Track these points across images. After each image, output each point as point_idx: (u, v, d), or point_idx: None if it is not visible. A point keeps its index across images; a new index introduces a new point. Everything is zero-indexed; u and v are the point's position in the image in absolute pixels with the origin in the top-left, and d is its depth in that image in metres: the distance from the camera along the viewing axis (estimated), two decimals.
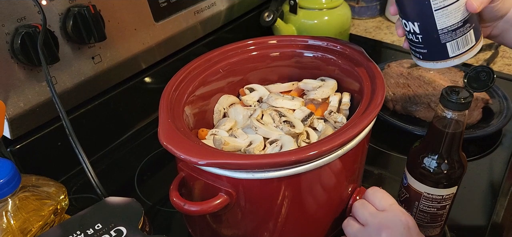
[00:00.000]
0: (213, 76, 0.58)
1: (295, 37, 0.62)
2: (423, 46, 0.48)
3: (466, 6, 0.45)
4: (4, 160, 0.41)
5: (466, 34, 0.47)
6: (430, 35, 0.47)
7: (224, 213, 0.47)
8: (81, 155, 0.46)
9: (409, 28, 0.48)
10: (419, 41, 0.48)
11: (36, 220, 0.43)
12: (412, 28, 0.48)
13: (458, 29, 0.46)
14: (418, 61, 0.51)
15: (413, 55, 0.51)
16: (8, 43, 0.52)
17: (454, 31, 0.46)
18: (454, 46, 0.47)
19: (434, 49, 0.48)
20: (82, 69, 0.61)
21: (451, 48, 0.47)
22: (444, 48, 0.47)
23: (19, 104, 0.55)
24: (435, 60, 0.49)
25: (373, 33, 1.03)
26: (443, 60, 0.48)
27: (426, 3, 0.45)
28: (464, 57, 0.48)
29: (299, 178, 0.44)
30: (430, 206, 0.49)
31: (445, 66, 0.49)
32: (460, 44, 0.47)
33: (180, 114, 0.49)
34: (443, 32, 0.46)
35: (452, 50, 0.47)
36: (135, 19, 0.66)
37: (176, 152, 0.42)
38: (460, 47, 0.47)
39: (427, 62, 0.50)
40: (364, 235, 0.46)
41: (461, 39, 0.47)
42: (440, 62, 0.49)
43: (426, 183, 0.48)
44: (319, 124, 0.53)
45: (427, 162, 0.47)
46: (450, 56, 0.48)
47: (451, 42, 0.47)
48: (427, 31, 0.47)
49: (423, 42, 0.48)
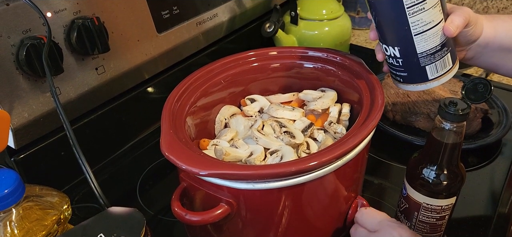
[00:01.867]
0: (215, 87, 0.59)
1: (295, 48, 0.63)
2: (404, 70, 0.51)
3: (444, 30, 0.48)
4: (8, 171, 0.41)
5: (444, 57, 0.50)
6: (410, 59, 0.49)
7: (225, 223, 0.47)
8: (84, 165, 0.47)
9: (390, 53, 0.51)
10: (400, 65, 0.51)
11: (39, 229, 0.44)
12: (393, 52, 0.50)
13: (437, 53, 0.49)
14: (399, 84, 0.53)
15: (393, 79, 0.54)
16: (13, 54, 0.53)
17: (433, 54, 0.49)
18: (433, 69, 0.50)
19: (414, 72, 0.50)
20: (85, 80, 0.61)
21: (430, 71, 0.50)
22: (424, 71, 0.50)
23: (24, 115, 0.56)
24: (415, 83, 0.51)
25: (373, 43, 1.04)
26: (422, 83, 0.51)
27: (406, 29, 0.47)
28: (443, 80, 0.51)
29: (299, 189, 0.45)
30: (429, 216, 0.49)
31: (424, 89, 0.52)
32: (438, 67, 0.50)
33: (182, 124, 0.50)
34: (422, 56, 0.49)
35: (431, 72, 0.50)
36: (138, 31, 0.67)
37: (177, 162, 0.43)
38: (438, 69, 0.50)
39: (407, 85, 0.52)
40: None
41: (440, 62, 0.50)
42: (420, 85, 0.51)
43: (425, 193, 0.48)
44: (319, 134, 0.54)
45: (426, 173, 0.48)
46: (429, 78, 0.50)
47: (430, 65, 0.50)
48: (407, 55, 0.49)
49: (403, 65, 0.51)
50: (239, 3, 0.85)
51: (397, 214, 0.53)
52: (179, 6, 0.73)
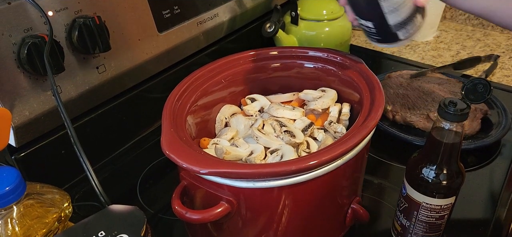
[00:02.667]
0: (215, 86, 0.59)
1: (296, 48, 0.63)
2: (377, 34, 0.55)
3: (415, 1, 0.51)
4: (9, 168, 0.41)
5: (414, 20, 0.53)
6: (383, 29, 0.53)
7: (225, 221, 0.47)
8: (85, 163, 0.47)
9: (362, 22, 0.54)
10: (374, 32, 0.54)
11: (39, 227, 0.44)
12: (366, 23, 0.54)
13: (408, 20, 0.52)
14: (374, 43, 0.57)
15: (367, 37, 0.57)
16: (14, 53, 0.53)
17: (404, 22, 0.52)
18: (405, 32, 0.53)
19: (387, 37, 0.54)
20: (86, 79, 0.62)
21: (402, 33, 0.53)
22: (396, 35, 0.54)
23: (24, 113, 0.56)
24: (388, 43, 0.55)
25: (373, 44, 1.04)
26: (395, 42, 0.55)
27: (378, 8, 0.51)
28: (413, 37, 0.55)
29: (299, 188, 0.45)
30: (429, 216, 0.49)
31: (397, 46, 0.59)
32: (409, 29, 0.53)
33: (182, 123, 0.50)
34: (395, 25, 0.52)
35: (403, 34, 0.53)
36: (139, 30, 0.67)
37: (178, 161, 0.43)
38: (409, 30, 0.53)
39: (382, 44, 0.56)
40: None
41: (410, 26, 0.53)
42: (393, 44, 0.55)
43: (425, 193, 0.48)
44: (319, 134, 0.54)
45: (426, 173, 0.48)
46: (401, 38, 0.54)
47: (402, 30, 0.53)
48: (380, 27, 0.53)
49: (377, 33, 0.54)
50: (240, 3, 0.85)
51: (397, 214, 0.53)
52: (180, 6, 0.73)
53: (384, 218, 0.59)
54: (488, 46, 1.00)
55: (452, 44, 1.02)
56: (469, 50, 0.99)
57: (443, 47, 1.01)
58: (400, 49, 1.01)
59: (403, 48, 1.02)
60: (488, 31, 1.07)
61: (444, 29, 1.09)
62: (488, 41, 1.02)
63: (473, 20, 1.10)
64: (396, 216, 0.53)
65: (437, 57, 0.97)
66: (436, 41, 1.04)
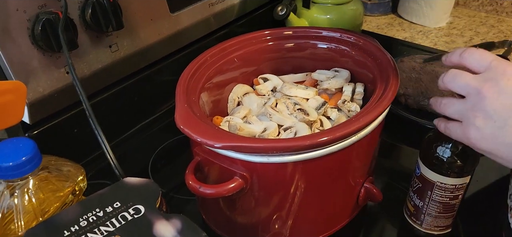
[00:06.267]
0: (228, 65, 0.58)
1: (310, 28, 0.63)
2: None
3: None
4: (26, 139, 0.42)
5: None
6: None
7: (238, 198, 0.47)
8: (100, 136, 0.47)
9: None
10: None
11: (54, 200, 0.44)
12: None
13: None
14: None
15: None
16: (29, 29, 0.53)
17: None
18: None
19: None
20: (99, 57, 0.62)
21: None
22: None
23: (38, 89, 0.56)
24: None
25: (385, 30, 1.03)
26: None
27: None
28: None
29: (313, 164, 0.44)
30: (443, 195, 0.49)
31: None
32: None
33: (196, 100, 0.50)
34: None
35: None
36: (152, 9, 0.67)
37: (192, 135, 0.43)
38: None
39: None
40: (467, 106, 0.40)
41: None
42: None
43: (439, 172, 0.48)
44: (333, 113, 0.54)
45: (441, 151, 0.47)
46: None
47: None
48: None
49: None
50: None
51: (410, 195, 0.53)
52: None
53: (396, 200, 0.59)
54: (502, 32, 0.99)
55: (465, 30, 1.01)
56: (483, 36, 0.98)
57: (456, 33, 1.00)
58: (413, 35, 1.00)
59: (416, 34, 1.01)
60: (502, 17, 1.06)
61: (457, 15, 1.08)
62: (502, 27, 1.01)
63: (487, 6, 1.08)
64: (409, 197, 0.53)
65: (450, 43, 0.96)
66: (449, 27, 1.03)
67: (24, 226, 0.41)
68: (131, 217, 0.38)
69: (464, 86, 0.40)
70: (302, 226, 0.50)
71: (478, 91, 0.39)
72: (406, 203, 0.54)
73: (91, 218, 0.38)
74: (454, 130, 0.43)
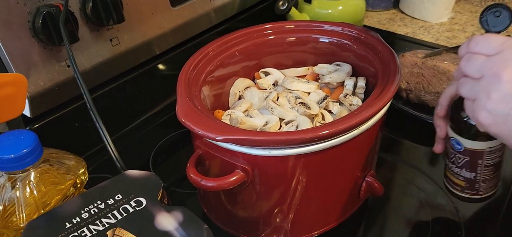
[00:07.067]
0: (230, 59, 0.58)
1: (311, 22, 0.63)
2: None
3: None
4: (27, 131, 0.42)
5: None
6: None
7: (239, 191, 0.47)
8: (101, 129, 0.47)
9: None
10: None
11: (55, 193, 0.44)
12: None
13: None
14: None
15: None
16: (29, 22, 0.53)
17: None
18: None
19: None
20: (100, 51, 0.62)
21: None
22: None
23: (39, 83, 0.56)
24: None
25: (387, 25, 1.03)
26: None
27: None
28: None
29: (315, 157, 0.44)
30: (494, 157, 0.48)
31: None
32: None
33: (197, 93, 0.50)
34: None
35: None
36: (153, 3, 0.67)
37: (193, 128, 0.43)
38: None
39: None
40: (481, 87, 0.39)
41: None
42: None
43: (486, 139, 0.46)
44: (334, 107, 0.53)
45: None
46: None
47: None
48: None
49: None
50: None
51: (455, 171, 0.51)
52: None
53: (398, 194, 0.59)
54: None
55: (467, 26, 1.00)
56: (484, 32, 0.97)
57: (457, 29, 1.00)
58: (415, 30, 1.00)
59: (417, 29, 1.00)
60: None
61: (459, 10, 1.08)
62: None
63: (489, 1, 1.08)
64: (455, 174, 0.51)
65: (452, 38, 0.96)
66: (450, 22, 1.03)
67: (26, 218, 0.41)
68: (133, 209, 0.38)
69: (478, 67, 0.40)
70: (303, 220, 0.50)
71: (493, 73, 0.38)
72: (451, 180, 0.52)
73: (93, 210, 0.38)
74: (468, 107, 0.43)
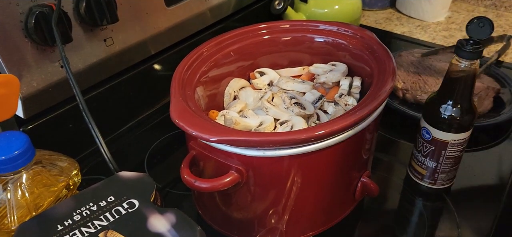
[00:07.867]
0: (224, 59, 0.58)
1: (307, 21, 0.62)
2: None
3: None
4: (19, 133, 0.41)
5: None
6: None
7: (234, 192, 0.47)
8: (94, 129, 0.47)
9: None
10: None
11: (47, 195, 0.44)
12: None
13: None
14: None
15: None
16: (22, 22, 0.53)
17: None
18: None
19: None
20: (94, 51, 0.61)
21: None
22: None
23: (32, 84, 0.56)
24: None
25: (384, 24, 1.03)
26: None
27: None
28: None
29: (309, 158, 0.44)
30: (456, 150, 0.52)
31: None
32: None
33: (191, 94, 0.50)
34: None
35: None
36: (147, 3, 0.66)
37: (188, 129, 0.43)
38: None
39: None
40: None
41: None
42: None
43: (454, 130, 0.50)
44: (330, 107, 0.53)
45: (447, 111, 0.50)
46: None
47: None
48: None
49: None
50: None
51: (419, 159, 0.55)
52: None
53: (393, 194, 0.58)
54: (500, 27, 0.98)
55: (463, 25, 1.00)
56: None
57: (454, 28, 0.99)
58: (411, 30, 1.00)
59: (414, 28, 1.00)
60: (501, 11, 1.05)
61: (456, 9, 1.08)
62: (501, 22, 1.01)
63: (486, 0, 1.08)
64: (419, 161, 0.55)
65: (449, 37, 0.96)
66: (447, 21, 1.03)
67: (18, 221, 0.41)
68: (125, 211, 0.38)
69: None
70: (299, 221, 0.50)
71: None
72: (414, 169, 0.57)
73: (85, 212, 0.38)
74: None
